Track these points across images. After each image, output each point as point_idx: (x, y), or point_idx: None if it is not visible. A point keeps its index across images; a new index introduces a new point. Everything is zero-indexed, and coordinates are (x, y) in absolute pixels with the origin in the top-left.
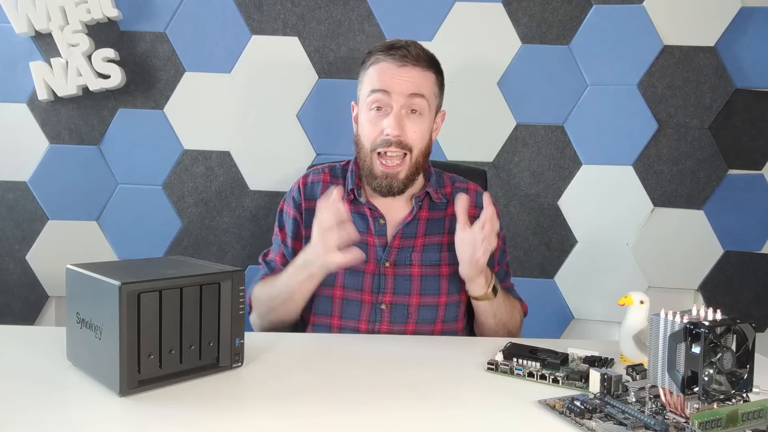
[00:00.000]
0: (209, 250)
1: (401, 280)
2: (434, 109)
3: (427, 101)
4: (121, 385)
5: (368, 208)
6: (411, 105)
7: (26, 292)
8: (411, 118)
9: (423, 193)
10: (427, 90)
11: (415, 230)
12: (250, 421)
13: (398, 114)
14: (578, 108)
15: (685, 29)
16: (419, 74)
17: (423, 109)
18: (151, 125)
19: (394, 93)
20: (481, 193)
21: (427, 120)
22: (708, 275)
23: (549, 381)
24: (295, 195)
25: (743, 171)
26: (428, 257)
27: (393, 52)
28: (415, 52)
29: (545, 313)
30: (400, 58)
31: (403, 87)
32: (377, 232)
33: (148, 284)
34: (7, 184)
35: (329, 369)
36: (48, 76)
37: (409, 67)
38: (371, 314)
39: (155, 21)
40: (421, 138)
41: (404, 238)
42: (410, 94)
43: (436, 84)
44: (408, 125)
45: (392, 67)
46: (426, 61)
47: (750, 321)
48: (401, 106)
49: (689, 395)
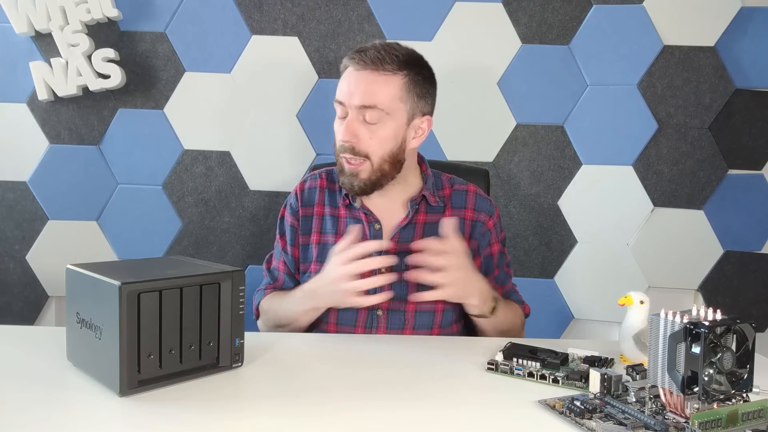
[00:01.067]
0: (209, 250)
1: (398, 286)
2: (402, 115)
3: (384, 110)
4: (121, 385)
5: (363, 213)
6: (364, 114)
7: (26, 292)
8: (367, 125)
9: (419, 197)
10: (383, 98)
11: (412, 234)
12: (250, 421)
13: (350, 121)
14: (578, 108)
15: (685, 29)
16: (375, 79)
17: (378, 118)
18: (151, 125)
19: (346, 103)
20: (482, 196)
21: (388, 127)
22: (708, 275)
23: (549, 381)
24: (293, 202)
25: (743, 171)
26: None
27: (355, 56)
28: (374, 54)
29: (545, 313)
30: (359, 62)
31: (354, 98)
32: (373, 237)
33: (148, 284)
34: (7, 184)
35: (329, 369)
36: (48, 76)
37: (366, 72)
38: (368, 320)
39: (155, 21)
40: (381, 145)
41: (401, 242)
42: (360, 106)
43: (402, 88)
44: (362, 132)
45: (352, 72)
46: (392, 65)
47: (750, 321)
48: (354, 116)
49: (689, 395)
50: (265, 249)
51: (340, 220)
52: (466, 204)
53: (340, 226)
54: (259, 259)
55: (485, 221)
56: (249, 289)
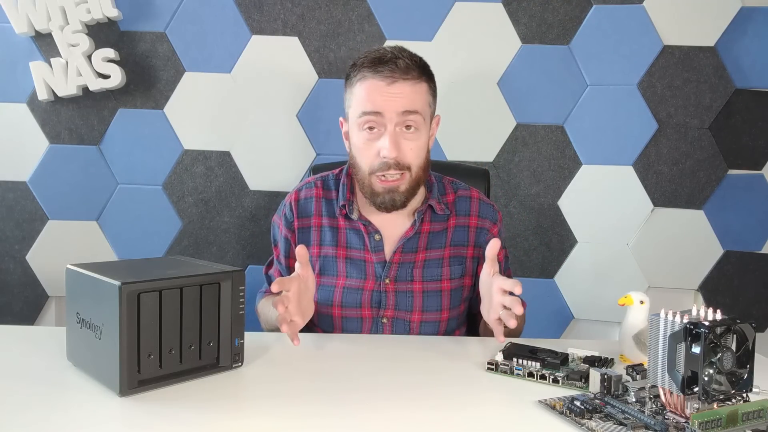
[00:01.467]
0: (209, 250)
1: (403, 297)
2: (429, 120)
3: (422, 115)
4: (121, 385)
5: (362, 224)
6: (405, 122)
7: (26, 292)
8: (406, 136)
9: (425, 207)
10: (420, 104)
11: (416, 245)
12: (250, 421)
13: (393, 134)
14: (578, 108)
15: (685, 29)
16: (410, 88)
17: (418, 124)
18: (151, 125)
19: (387, 113)
20: (486, 202)
21: (423, 134)
22: (708, 275)
23: (549, 381)
24: (287, 213)
25: (743, 171)
26: (430, 273)
27: (381, 68)
28: (404, 64)
29: (545, 313)
30: (389, 74)
31: (396, 105)
32: (374, 249)
33: (148, 284)
34: (7, 184)
35: (329, 369)
36: (48, 76)
37: (399, 83)
38: (372, 328)
39: (155, 21)
40: (418, 154)
41: (405, 253)
42: (404, 112)
43: (428, 93)
44: (404, 143)
45: (381, 86)
46: (417, 71)
47: (750, 321)
48: (395, 125)
49: (689, 395)
50: (265, 249)
51: (340, 231)
52: (470, 211)
53: (340, 237)
54: (259, 259)
55: (490, 228)
56: (249, 289)
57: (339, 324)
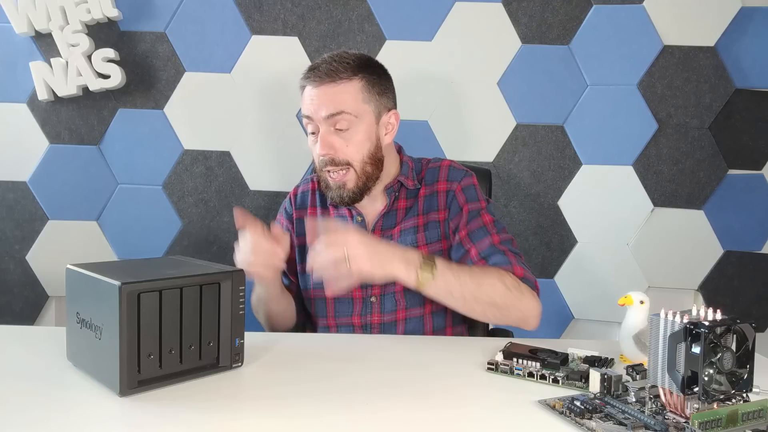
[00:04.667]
0: (209, 250)
1: None
2: (369, 115)
3: (351, 113)
4: (121, 385)
5: (347, 210)
6: (334, 123)
7: (26, 292)
8: (339, 134)
9: (395, 183)
10: (348, 103)
11: (394, 221)
12: (250, 421)
13: (323, 135)
14: (578, 108)
15: (685, 29)
16: (335, 89)
17: (349, 122)
18: (151, 125)
19: (314, 116)
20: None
21: (359, 131)
22: (708, 275)
23: (549, 381)
24: (287, 206)
25: (743, 171)
26: (405, 240)
27: (310, 74)
28: (327, 68)
29: (545, 313)
30: (316, 79)
31: (319, 110)
32: None
33: (148, 284)
34: (7, 184)
35: (329, 369)
36: (48, 76)
37: (323, 87)
38: (363, 308)
39: (155, 21)
40: (357, 149)
41: (384, 229)
42: (327, 116)
43: (362, 90)
44: (337, 142)
45: (311, 90)
46: (346, 72)
47: (750, 321)
48: (325, 129)
49: (689, 395)
50: None
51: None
52: (438, 177)
53: None
54: None
55: (455, 189)
56: (249, 289)
57: (332, 307)
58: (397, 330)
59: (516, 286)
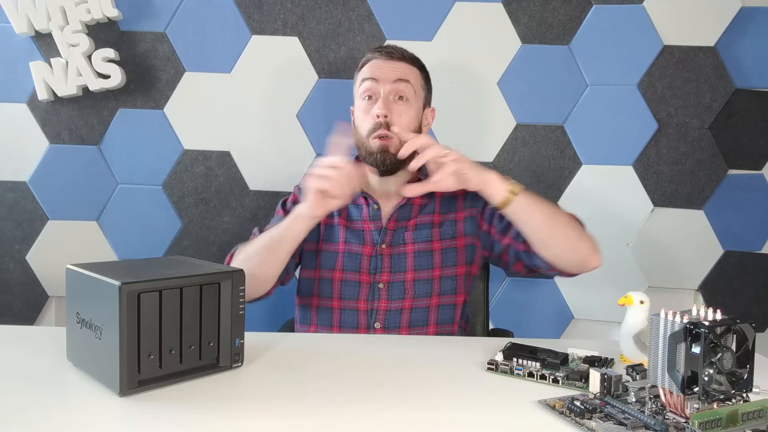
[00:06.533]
0: (209, 250)
1: (396, 259)
2: (421, 100)
3: (413, 88)
4: (121, 385)
5: (363, 197)
6: (397, 91)
7: (26, 292)
8: (398, 104)
9: (415, 179)
10: (413, 78)
11: (408, 213)
12: (250, 421)
13: (386, 98)
14: (578, 108)
15: (685, 29)
16: (404, 65)
17: (409, 95)
18: (151, 125)
19: (381, 80)
20: None
21: (413, 107)
22: (708, 275)
23: (549, 381)
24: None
25: (743, 171)
26: (420, 234)
27: (380, 49)
28: (400, 51)
29: (545, 313)
30: (386, 54)
31: (388, 74)
32: (372, 218)
33: (148, 284)
34: (7, 184)
35: (329, 369)
36: (48, 76)
37: (394, 61)
38: (369, 293)
39: (155, 21)
40: (408, 124)
41: (399, 220)
42: (396, 80)
43: (421, 78)
44: (395, 108)
45: (380, 61)
46: (410, 59)
47: (750, 321)
48: (388, 92)
49: (689, 395)
50: None
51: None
52: None
53: (342, 210)
54: None
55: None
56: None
57: (338, 288)
58: (401, 319)
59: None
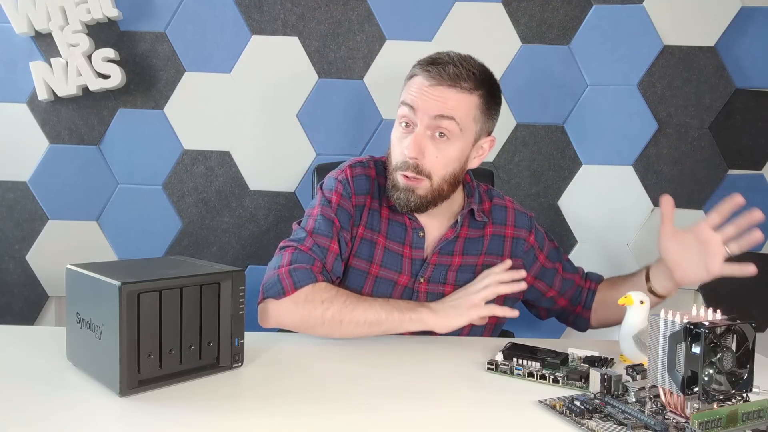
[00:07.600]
0: (209, 250)
1: (433, 297)
2: (472, 134)
3: (459, 125)
4: (121, 385)
5: (408, 218)
6: (438, 127)
7: (26, 292)
8: (436, 142)
9: (467, 211)
10: (461, 113)
11: (453, 248)
12: (250, 421)
13: (420, 135)
14: (578, 108)
15: (685, 29)
16: (454, 96)
17: (452, 133)
18: (151, 125)
19: (419, 111)
20: (520, 211)
21: (456, 146)
22: None
23: (549, 381)
24: (346, 186)
25: (743, 171)
26: (463, 277)
27: (430, 68)
28: (453, 71)
29: None
30: (435, 76)
31: (429, 106)
32: (415, 245)
33: (148, 284)
34: (7, 184)
35: (329, 369)
36: (48, 76)
37: (442, 88)
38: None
39: (155, 21)
40: (444, 165)
41: (442, 255)
42: (436, 116)
43: (477, 108)
44: (430, 149)
45: (424, 84)
46: (469, 83)
47: (750, 321)
48: (426, 127)
49: (689, 395)
50: (265, 249)
51: (383, 220)
52: (506, 221)
53: (382, 225)
54: (259, 259)
55: (526, 237)
56: (249, 289)
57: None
58: None
59: None
